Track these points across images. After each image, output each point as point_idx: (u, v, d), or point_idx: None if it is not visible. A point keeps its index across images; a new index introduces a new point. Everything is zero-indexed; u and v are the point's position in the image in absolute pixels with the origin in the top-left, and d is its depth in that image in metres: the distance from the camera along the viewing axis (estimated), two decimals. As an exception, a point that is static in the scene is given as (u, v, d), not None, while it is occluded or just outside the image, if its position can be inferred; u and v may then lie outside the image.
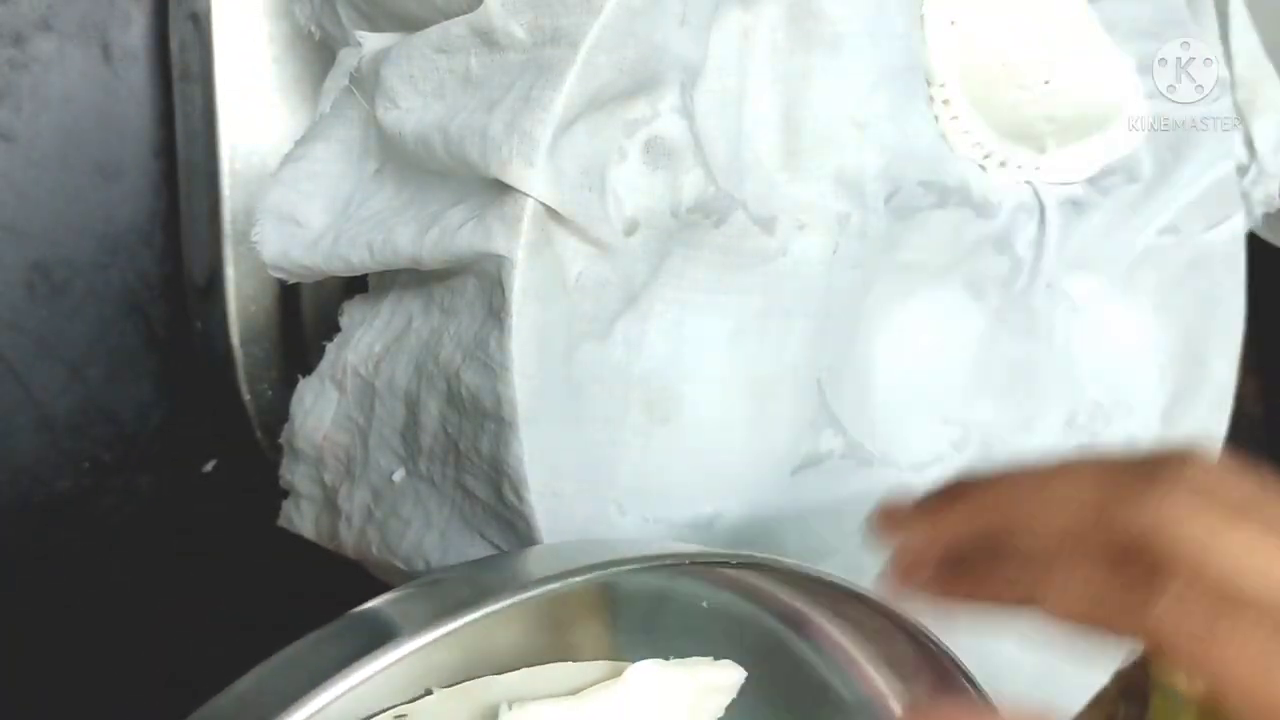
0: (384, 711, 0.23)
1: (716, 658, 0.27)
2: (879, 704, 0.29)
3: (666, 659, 0.27)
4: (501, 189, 0.26)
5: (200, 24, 0.34)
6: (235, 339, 0.35)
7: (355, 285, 0.31)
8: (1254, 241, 0.45)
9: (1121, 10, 0.38)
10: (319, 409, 0.30)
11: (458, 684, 0.24)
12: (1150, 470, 0.23)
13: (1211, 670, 0.22)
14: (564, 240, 0.27)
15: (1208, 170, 0.41)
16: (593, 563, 0.22)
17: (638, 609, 0.26)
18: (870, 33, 0.32)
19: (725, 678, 0.27)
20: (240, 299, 0.35)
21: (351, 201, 0.30)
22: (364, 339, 0.30)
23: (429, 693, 0.24)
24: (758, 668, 0.28)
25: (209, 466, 0.39)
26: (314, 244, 0.29)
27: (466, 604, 0.20)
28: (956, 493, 0.26)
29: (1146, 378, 0.43)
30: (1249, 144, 0.42)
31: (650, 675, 0.26)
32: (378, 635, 0.20)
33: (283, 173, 0.30)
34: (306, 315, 0.36)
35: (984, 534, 0.25)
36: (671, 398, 0.31)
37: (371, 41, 0.30)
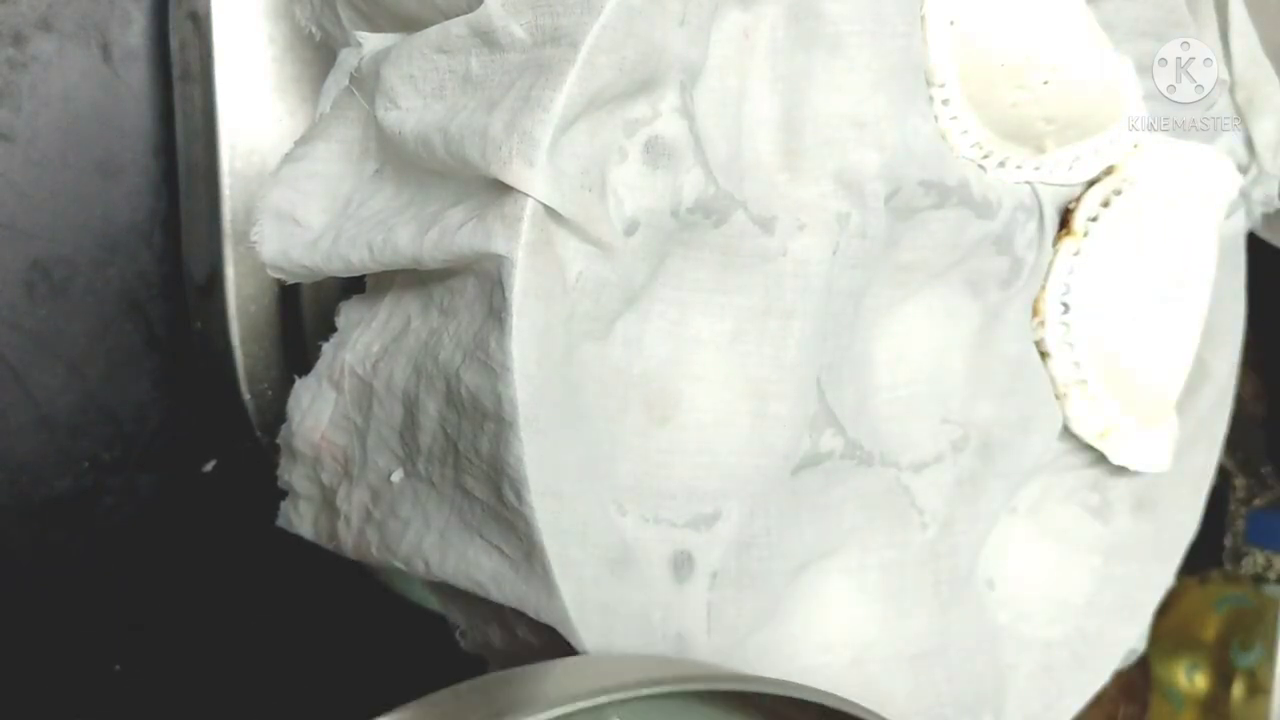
0: None
1: None
2: None
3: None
4: (502, 189, 0.26)
5: (200, 24, 0.34)
6: (235, 339, 0.35)
7: (354, 285, 0.31)
8: (1254, 241, 0.45)
9: (1121, 10, 0.38)
10: (316, 409, 0.30)
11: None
12: None
13: None
14: (564, 240, 0.27)
15: (1208, 170, 0.41)
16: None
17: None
18: (870, 33, 0.32)
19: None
20: (240, 299, 0.35)
21: (351, 201, 0.30)
22: (362, 339, 0.30)
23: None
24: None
25: (209, 466, 0.39)
26: (314, 244, 0.29)
27: None
28: None
29: (1146, 378, 0.42)
30: (1249, 144, 0.42)
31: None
32: None
33: (282, 172, 0.30)
34: (306, 315, 0.36)
35: None
36: (671, 398, 0.31)
37: (372, 42, 0.30)
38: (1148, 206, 0.39)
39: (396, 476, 0.29)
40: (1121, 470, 0.42)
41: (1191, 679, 0.52)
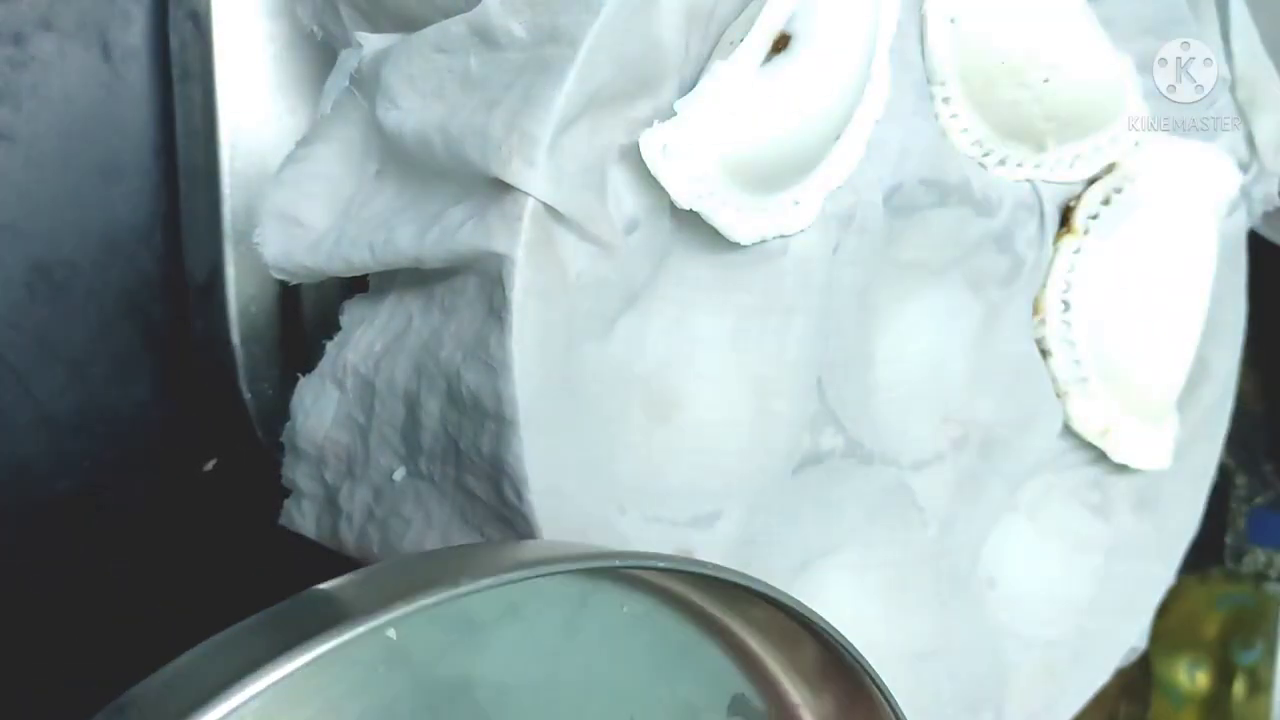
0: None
1: (635, 664, 0.27)
2: (791, 714, 0.29)
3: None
4: (502, 188, 0.26)
5: (200, 23, 0.34)
6: (235, 339, 0.35)
7: (356, 284, 0.31)
8: (1254, 240, 0.45)
9: (1121, 7, 0.38)
10: (319, 408, 0.30)
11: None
12: None
13: None
14: (564, 239, 0.27)
15: (1208, 169, 0.41)
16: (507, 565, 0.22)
17: (558, 612, 0.26)
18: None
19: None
20: (240, 299, 0.35)
21: (353, 202, 0.30)
22: (364, 338, 0.30)
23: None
24: (674, 676, 0.28)
25: (209, 466, 0.39)
26: (316, 245, 0.29)
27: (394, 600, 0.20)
28: None
29: (1147, 376, 0.42)
30: (1250, 142, 0.42)
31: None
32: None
33: (284, 173, 0.30)
34: (307, 315, 0.36)
35: None
36: (672, 397, 0.31)
37: (372, 42, 0.30)
38: (1148, 204, 0.39)
39: (399, 475, 0.29)
40: (1122, 468, 0.42)
41: (1192, 677, 0.52)
